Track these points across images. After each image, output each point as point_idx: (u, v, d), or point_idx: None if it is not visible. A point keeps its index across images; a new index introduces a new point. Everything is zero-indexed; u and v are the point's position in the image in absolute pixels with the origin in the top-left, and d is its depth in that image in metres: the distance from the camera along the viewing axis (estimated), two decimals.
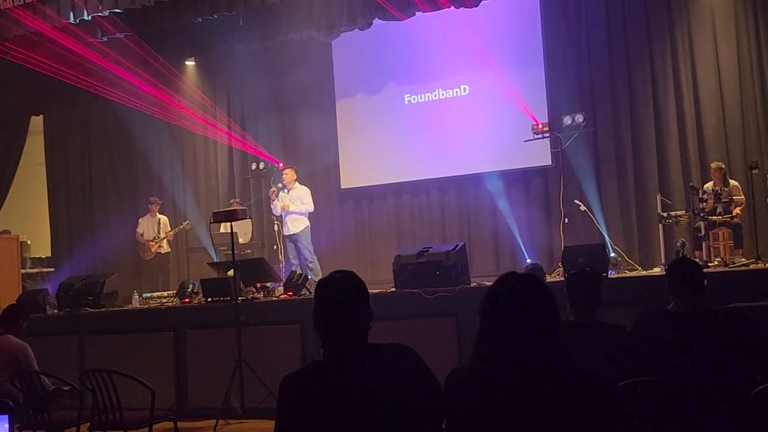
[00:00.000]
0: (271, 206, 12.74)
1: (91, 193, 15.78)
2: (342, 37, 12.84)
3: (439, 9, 11.48)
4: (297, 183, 12.59)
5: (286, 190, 12.48)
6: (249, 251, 13.35)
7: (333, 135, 14.23)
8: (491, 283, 2.85)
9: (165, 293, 11.45)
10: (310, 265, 12.33)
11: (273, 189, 12.59)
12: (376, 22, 12.03)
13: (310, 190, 12.65)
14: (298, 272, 10.23)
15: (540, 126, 12.27)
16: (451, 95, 13.48)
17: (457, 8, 11.44)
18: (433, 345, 7.86)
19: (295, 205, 12.39)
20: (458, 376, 2.86)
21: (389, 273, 9.30)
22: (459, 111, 13.31)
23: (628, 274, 10.18)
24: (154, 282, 13.77)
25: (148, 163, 15.16)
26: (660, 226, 11.00)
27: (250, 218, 13.29)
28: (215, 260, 12.13)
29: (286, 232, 12.58)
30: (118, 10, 11.54)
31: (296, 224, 12.47)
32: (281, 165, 13.68)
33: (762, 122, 11.51)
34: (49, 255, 15.99)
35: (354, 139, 14.13)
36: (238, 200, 14.03)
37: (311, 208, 12.54)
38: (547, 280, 8.79)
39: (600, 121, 12.45)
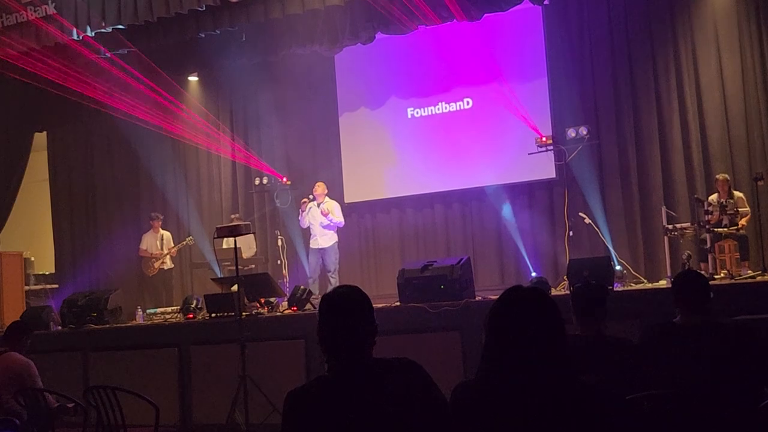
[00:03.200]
0: (300, 218, 12.68)
1: (95, 209, 15.78)
2: (345, 51, 12.86)
3: (442, 23, 11.50)
4: (327, 197, 12.59)
5: (316, 204, 12.47)
6: (253, 266, 13.32)
7: (336, 149, 14.24)
8: (496, 297, 2.84)
9: (169, 309, 11.45)
10: (332, 280, 12.34)
11: (305, 200, 12.54)
12: (379, 35, 12.06)
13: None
14: (301, 287, 10.21)
15: (544, 139, 12.26)
16: (455, 109, 13.47)
17: (460, 22, 11.46)
18: (439, 359, 7.84)
19: (333, 213, 12.42)
20: (464, 391, 2.84)
21: (394, 287, 9.30)
22: (462, 124, 13.29)
23: (634, 287, 10.16)
24: (157, 298, 13.76)
25: (152, 179, 15.16)
26: (665, 238, 10.97)
27: (254, 233, 13.29)
28: (219, 275, 12.12)
29: (314, 245, 12.57)
30: (121, 26, 11.60)
31: (326, 239, 12.51)
32: (285, 180, 13.69)
33: (767, 133, 11.47)
34: (53, 271, 15.99)
35: (357, 154, 14.12)
36: (238, 215, 14.01)
37: (342, 221, 12.57)
38: (553, 294, 8.77)
39: (604, 133, 12.43)
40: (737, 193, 10.71)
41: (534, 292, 2.81)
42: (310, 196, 12.57)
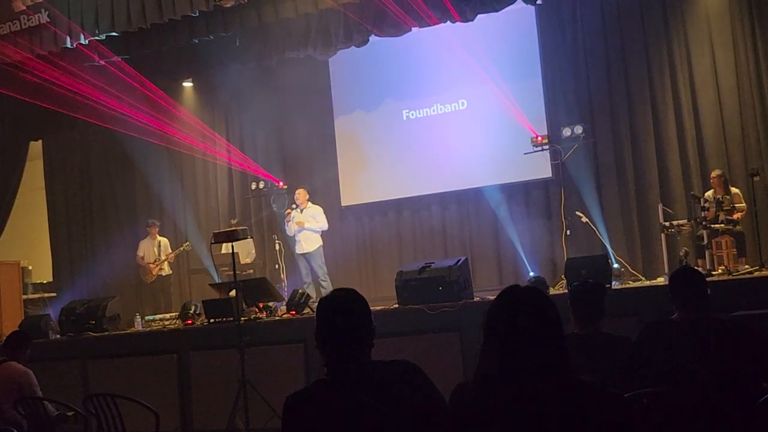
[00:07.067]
0: (285, 227, 12.72)
1: (92, 216, 15.76)
2: (339, 55, 12.85)
3: (436, 24, 11.49)
4: (309, 203, 12.62)
5: (299, 210, 12.49)
6: (251, 271, 13.32)
7: (332, 152, 14.23)
8: (494, 297, 2.83)
9: (167, 315, 11.46)
10: (323, 284, 12.34)
11: (288, 210, 12.58)
12: (373, 38, 12.04)
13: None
14: (300, 291, 10.21)
15: (539, 138, 12.26)
16: (450, 110, 13.46)
17: (454, 23, 11.46)
18: (438, 361, 7.86)
19: (309, 222, 12.42)
20: (463, 392, 2.84)
21: (392, 289, 9.29)
22: (458, 125, 13.29)
23: (632, 284, 10.15)
24: (156, 304, 13.75)
25: (148, 185, 15.15)
26: (662, 235, 10.96)
27: (251, 237, 13.29)
28: (217, 281, 12.11)
29: (299, 251, 12.59)
30: (114, 33, 11.60)
31: (310, 242, 12.51)
32: (281, 184, 13.69)
33: (761, 129, 11.48)
34: (51, 280, 15.95)
35: (353, 156, 14.12)
36: (236, 220, 14.01)
37: (325, 226, 12.60)
38: (551, 293, 8.78)
39: (599, 131, 12.44)
40: (733, 189, 10.73)
41: (531, 291, 2.81)
42: (293, 205, 12.60)
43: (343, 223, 14.08)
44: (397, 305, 9.05)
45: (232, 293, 9.77)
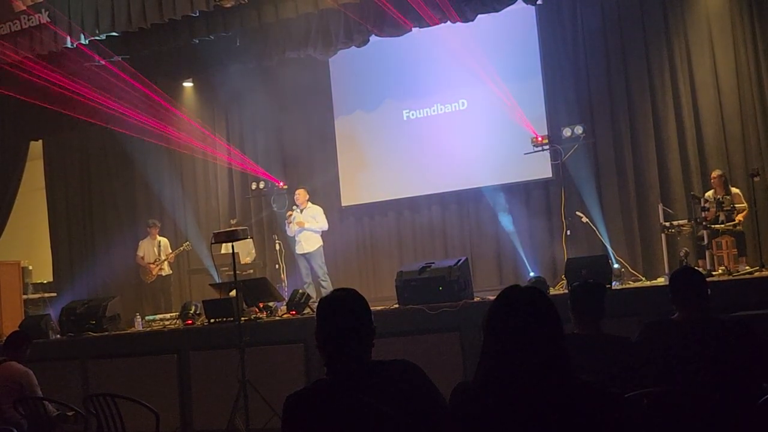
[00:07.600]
0: (286, 228, 12.73)
1: (92, 216, 15.76)
2: (339, 55, 12.84)
3: (436, 24, 11.49)
4: (309, 203, 12.63)
5: (299, 210, 12.50)
6: (251, 271, 13.31)
7: (332, 153, 14.23)
8: (494, 298, 2.83)
9: (167, 315, 11.45)
10: (323, 284, 12.35)
11: (290, 212, 12.59)
12: (373, 38, 12.04)
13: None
14: (300, 291, 10.21)
15: (539, 139, 12.26)
16: (450, 110, 13.45)
17: (454, 23, 11.45)
18: (438, 360, 7.87)
19: (309, 222, 12.44)
20: (463, 391, 2.84)
21: (392, 289, 9.30)
22: (458, 125, 13.29)
23: (632, 284, 10.14)
24: (156, 304, 13.74)
25: (148, 186, 15.14)
26: (662, 235, 10.96)
27: (252, 238, 13.29)
28: (217, 281, 12.11)
29: (299, 251, 12.61)
30: (114, 33, 11.59)
31: (310, 243, 12.52)
32: (281, 184, 13.68)
33: (762, 129, 11.48)
34: (51, 280, 15.95)
35: (353, 157, 14.12)
36: (236, 220, 14.00)
37: (325, 226, 12.62)
38: (551, 293, 8.78)
39: (599, 132, 12.44)
40: (734, 189, 10.72)
41: (531, 291, 2.81)
42: (294, 206, 12.62)
43: (343, 223, 14.09)
44: (397, 305, 9.05)
45: (232, 293, 9.78)
